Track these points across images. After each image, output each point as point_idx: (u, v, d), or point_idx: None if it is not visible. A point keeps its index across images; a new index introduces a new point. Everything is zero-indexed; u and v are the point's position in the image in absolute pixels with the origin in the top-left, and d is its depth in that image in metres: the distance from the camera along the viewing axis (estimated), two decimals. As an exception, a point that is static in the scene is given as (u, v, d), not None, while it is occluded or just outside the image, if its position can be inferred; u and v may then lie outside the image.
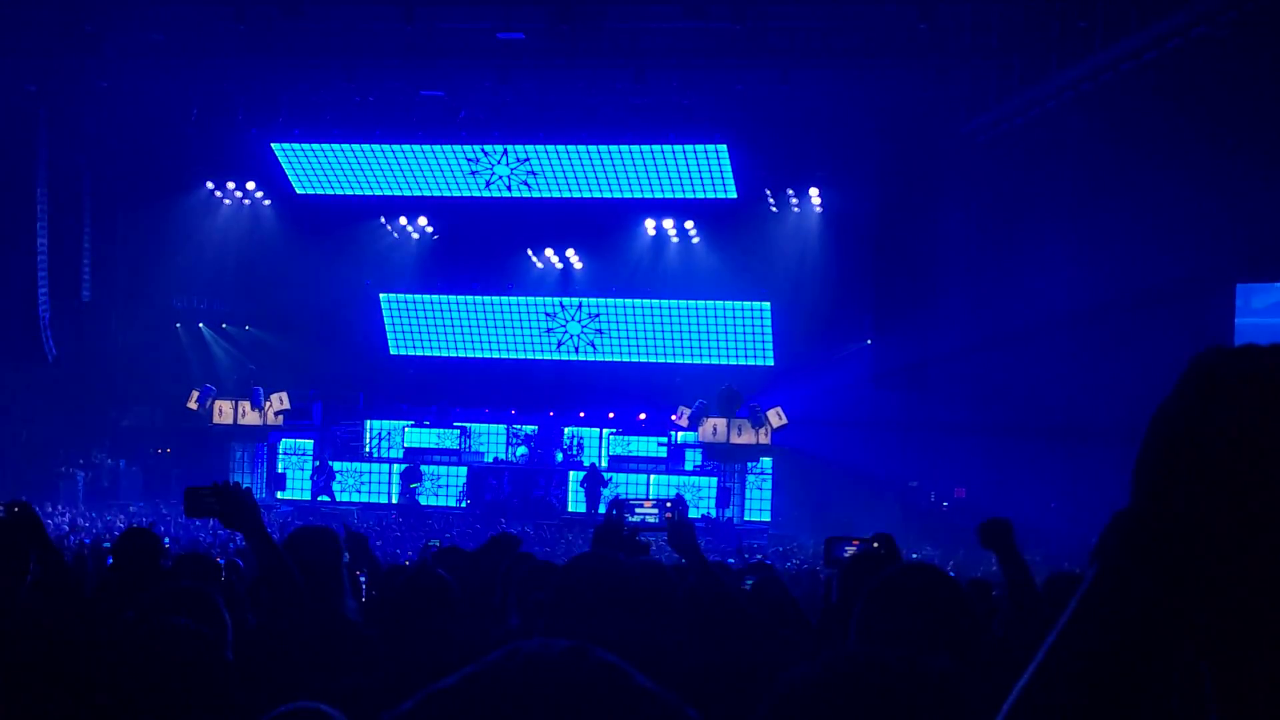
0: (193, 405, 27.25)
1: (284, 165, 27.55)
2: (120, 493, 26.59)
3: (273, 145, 26.90)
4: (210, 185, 28.51)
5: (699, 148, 25.50)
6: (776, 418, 25.84)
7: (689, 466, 27.45)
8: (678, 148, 25.56)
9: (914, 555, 15.80)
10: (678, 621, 4.10)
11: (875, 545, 5.78)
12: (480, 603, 6.15)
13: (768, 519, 26.33)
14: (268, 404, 27.38)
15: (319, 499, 27.15)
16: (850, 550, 5.71)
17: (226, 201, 28.86)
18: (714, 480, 26.53)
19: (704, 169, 26.01)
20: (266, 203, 28.95)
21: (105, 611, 5.14)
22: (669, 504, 5.00)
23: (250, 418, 27.41)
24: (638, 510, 5.00)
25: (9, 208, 25.06)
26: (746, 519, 26.09)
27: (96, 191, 26.84)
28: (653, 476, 26.44)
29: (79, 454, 27.24)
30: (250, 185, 28.53)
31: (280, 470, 28.23)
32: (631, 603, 3.74)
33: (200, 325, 29.05)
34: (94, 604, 5.43)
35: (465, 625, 4.96)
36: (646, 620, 3.73)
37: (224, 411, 27.42)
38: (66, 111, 25.15)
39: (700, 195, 26.83)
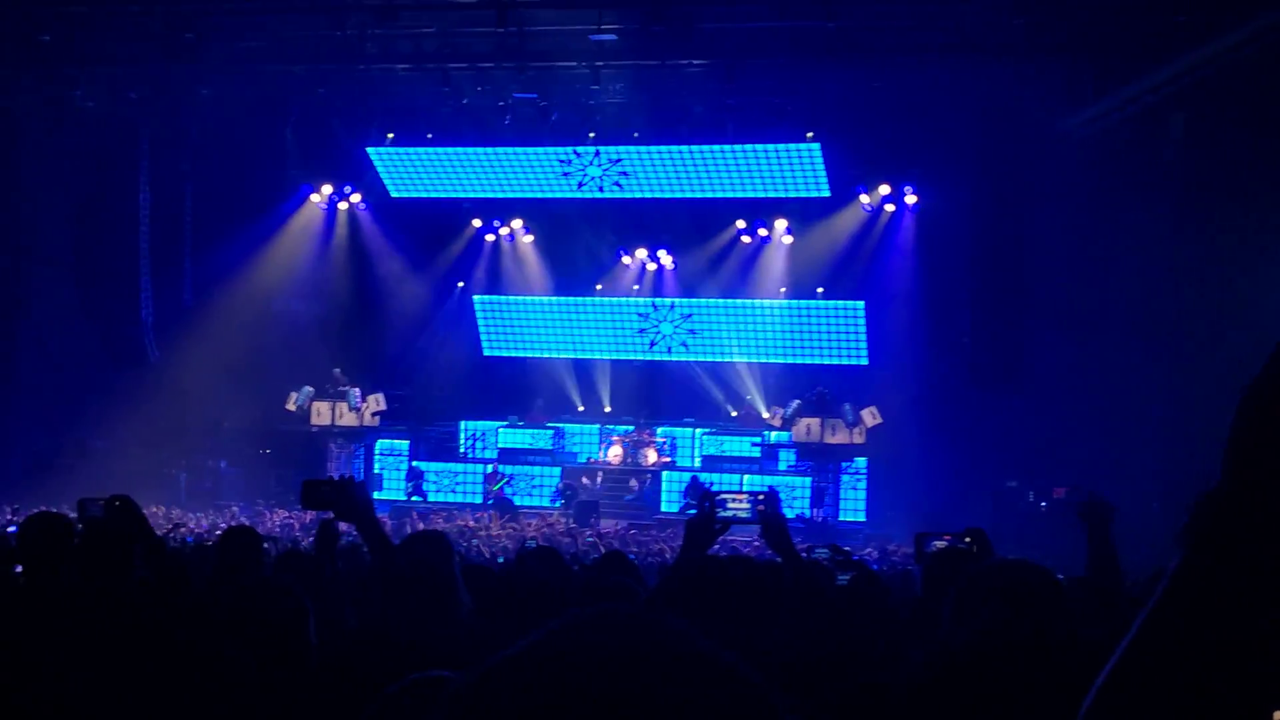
0: (291, 407, 27.57)
1: (379, 169, 27.82)
2: (222, 493, 26.96)
3: (368, 150, 27.17)
4: (308, 189, 28.86)
5: (791, 146, 25.36)
6: (871, 417, 25.67)
7: (782, 466, 27.37)
8: (770, 146, 25.44)
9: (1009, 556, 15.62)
10: (774, 617, 4.11)
11: (966, 540, 5.75)
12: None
13: (863, 519, 26.17)
14: (364, 405, 27.66)
15: (412, 499, 27.39)
16: (940, 545, 5.68)
17: (323, 206, 29.19)
18: (808, 480, 26.40)
19: (796, 167, 25.87)
20: (362, 207, 29.26)
21: (208, 605, 5.24)
22: (761, 498, 4.97)
23: (347, 419, 27.70)
24: (729, 505, 4.97)
25: (113, 214, 25.55)
26: (841, 519, 25.94)
27: (197, 197, 27.26)
28: (746, 477, 26.36)
29: (181, 455, 27.66)
30: (347, 189, 28.84)
31: (377, 471, 28.51)
32: (730, 600, 3.76)
33: (299, 327, 29.41)
34: (197, 597, 5.54)
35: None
36: (743, 617, 3.75)
37: (321, 413, 27.72)
38: (168, 119, 25.57)
39: (793, 194, 26.69)
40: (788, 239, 28.42)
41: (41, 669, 4.64)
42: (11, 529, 13.32)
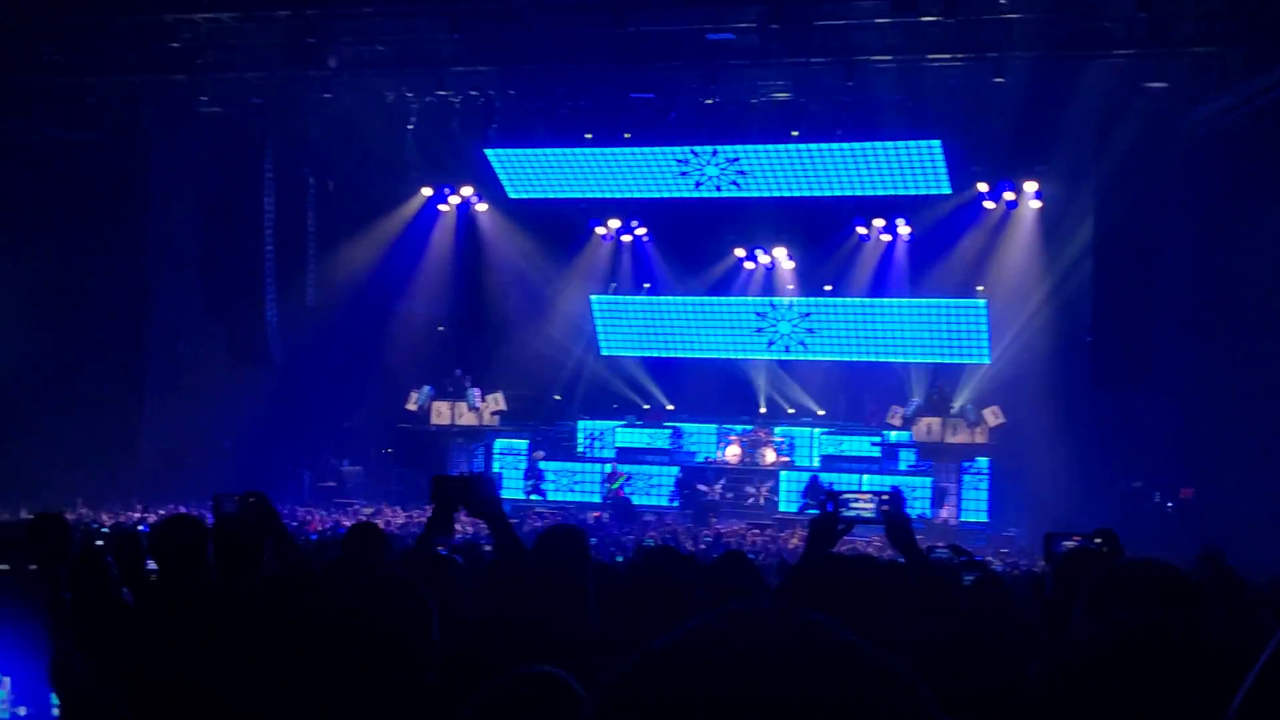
0: (411, 406, 27.92)
1: (497, 170, 28.05)
2: (345, 492, 27.35)
3: (486, 151, 27.39)
4: (427, 191, 29.16)
5: (911, 143, 25.11)
6: (993, 416, 25.36)
7: (903, 466, 27.14)
8: (889, 144, 25.23)
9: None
10: (899, 617, 4.06)
11: (1097, 541, 5.64)
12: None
13: (985, 519, 25.86)
14: (483, 405, 27.91)
15: (531, 498, 27.58)
16: (1070, 545, 5.57)
17: (443, 207, 29.48)
18: (929, 480, 26.14)
19: (917, 165, 25.62)
20: (481, 207, 29.49)
21: (332, 601, 5.31)
22: (885, 498, 4.93)
23: (467, 418, 27.97)
24: (853, 505, 4.93)
25: (238, 217, 26.03)
26: (963, 519, 25.65)
27: (320, 199, 27.69)
28: (865, 476, 26.18)
29: (305, 454, 28.10)
30: (466, 190, 29.08)
31: (496, 469, 28.76)
32: (854, 599, 3.73)
33: (419, 327, 29.76)
34: (323, 591, 5.61)
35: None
36: (868, 616, 3.71)
37: (441, 412, 28.05)
38: (291, 123, 25.98)
39: (913, 192, 26.45)
40: (908, 237, 28.15)
41: (172, 663, 4.74)
42: (143, 527, 13.64)
